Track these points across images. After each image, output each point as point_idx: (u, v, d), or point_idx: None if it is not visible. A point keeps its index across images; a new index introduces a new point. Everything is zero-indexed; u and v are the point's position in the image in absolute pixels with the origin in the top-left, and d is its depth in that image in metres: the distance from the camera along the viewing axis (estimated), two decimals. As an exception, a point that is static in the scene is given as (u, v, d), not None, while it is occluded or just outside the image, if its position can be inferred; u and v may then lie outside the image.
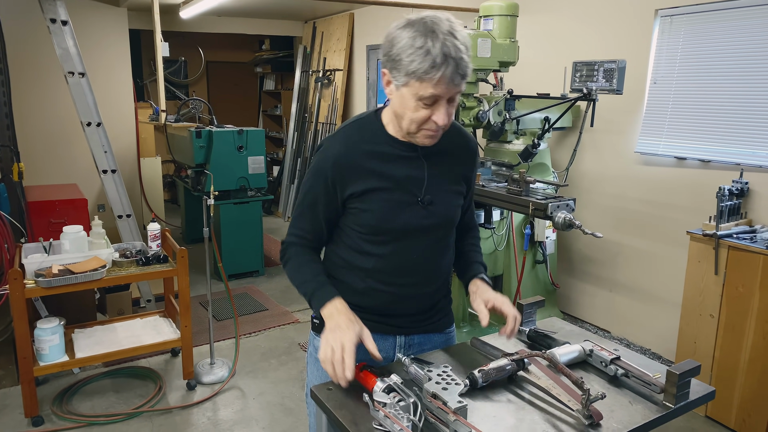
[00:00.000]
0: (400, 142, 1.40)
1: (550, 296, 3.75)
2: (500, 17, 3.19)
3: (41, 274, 2.67)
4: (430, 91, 1.24)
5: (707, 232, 2.77)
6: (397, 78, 1.27)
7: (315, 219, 1.44)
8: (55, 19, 3.47)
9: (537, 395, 1.28)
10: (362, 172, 1.37)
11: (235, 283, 4.84)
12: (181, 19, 6.13)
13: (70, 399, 2.99)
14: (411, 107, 1.28)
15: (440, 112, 1.27)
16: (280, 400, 3.02)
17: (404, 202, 1.39)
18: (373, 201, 1.37)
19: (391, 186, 1.38)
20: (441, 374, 1.23)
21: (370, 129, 1.42)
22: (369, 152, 1.38)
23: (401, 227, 1.39)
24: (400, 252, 1.42)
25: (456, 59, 1.21)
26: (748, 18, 2.95)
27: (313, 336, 1.53)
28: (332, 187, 1.39)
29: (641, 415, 1.21)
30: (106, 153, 3.67)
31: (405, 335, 1.51)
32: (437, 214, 1.43)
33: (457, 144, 1.48)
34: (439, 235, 1.46)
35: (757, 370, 2.62)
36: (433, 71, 1.21)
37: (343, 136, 1.42)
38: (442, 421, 1.13)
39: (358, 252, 1.43)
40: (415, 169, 1.40)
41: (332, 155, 1.39)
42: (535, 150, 3.18)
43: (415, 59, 1.21)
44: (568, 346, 1.42)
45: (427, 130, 1.31)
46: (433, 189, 1.41)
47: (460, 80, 1.24)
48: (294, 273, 1.46)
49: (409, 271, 1.45)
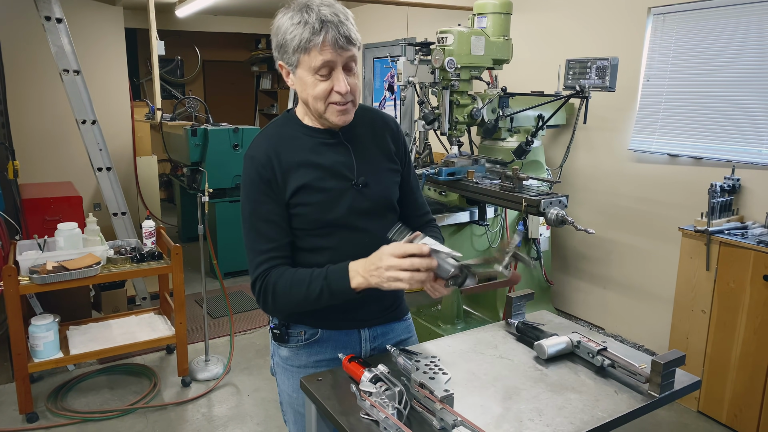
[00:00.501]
0: (319, 131, 1.40)
1: (544, 293, 3.77)
2: (494, 15, 3.20)
3: (35, 271, 2.67)
4: (319, 59, 1.26)
5: (699, 229, 2.78)
6: (289, 61, 1.31)
7: (273, 230, 1.36)
8: (50, 16, 3.47)
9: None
10: (292, 168, 1.36)
11: (230, 280, 4.85)
12: (177, 17, 6.13)
13: (64, 396, 3.00)
14: (310, 84, 1.30)
15: (338, 79, 1.29)
16: (275, 397, 3.01)
17: (339, 189, 1.38)
18: (309, 195, 1.36)
19: (322, 175, 1.37)
20: (428, 364, 1.24)
21: (287, 126, 1.43)
22: (292, 147, 1.38)
23: (342, 214, 1.38)
24: (349, 240, 1.39)
25: (335, 23, 1.25)
26: (740, 16, 2.97)
27: (276, 346, 1.50)
28: (271, 186, 1.35)
29: (626, 404, 1.22)
30: (101, 151, 3.68)
31: (368, 327, 1.49)
32: (375, 194, 1.42)
33: (376, 124, 1.49)
34: (383, 216, 1.44)
35: (748, 365, 2.64)
36: (314, 37, 1.25)
37: (264, 139, 1.40)
38: (429, 410, 1.14)
39: (309, 251, 1.40)
40: (341, 154, 1.40)
41: (258, 158, 1.36)
42: (529, 147, 3.19)
43: (296, 33, 1.26)
44: (556, 337, 1.44)
45: (334, 105, 1.32)
46: (364, 171, 1.41)
47: (345, 43, 1.26)
48: (289, 290, 1.32)
49: (364, 257, 1.32)
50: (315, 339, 1.45)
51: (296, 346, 1.46)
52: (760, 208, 2.91)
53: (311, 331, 1.45)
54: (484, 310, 3.60)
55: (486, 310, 3.59)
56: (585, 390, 1.27)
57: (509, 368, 1.37)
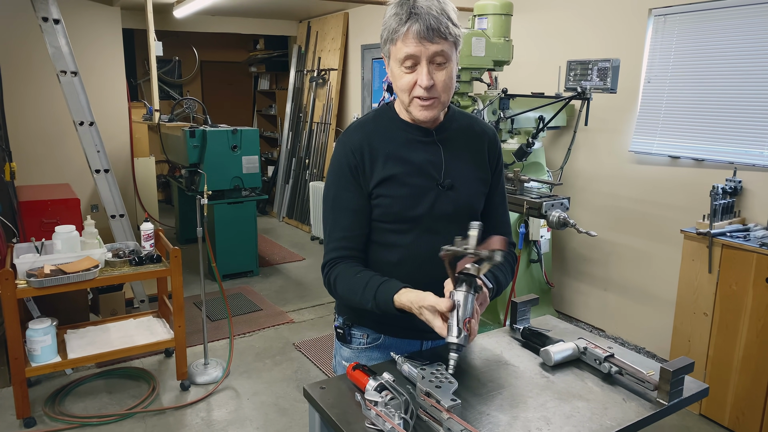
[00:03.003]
0: (414, 127, 1.40)
1: (545, 295, 3.75)
2: (494, 16, 3.19)
3: (33, 275, 2.64)
4: (404, 51, 1.26)
5: (701, 231, 2.77)
6: (384, 51, 1.33)
7: (349, 219, 1.38)
8: (47, 17, 3.44)
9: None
10: (381, 159, 1.36)
11: (229, 283, 4.83)
12: (174, 18, 6.10)
13: (62, 400, 2.97)
14: (397, 75, 1.30)
15: (421, 73, 1.27)
16: (275, 400, 3.01)
17: (424, 187, 1.37)
18: (393, 187, 1.36)
19: (410, 171, 1.36)
20: (434, 372, 1.22)
21: (384, 117, 1.43)
22: (385, 138, 1.38)
23: (424, 213, 1.37)
24: (424, 241, 1.38)
25: (424, 15, 1.23)
26: (740, 17, 2.96)
27: (339, 345, 1.52)
28: (356, 174, 1.36)
29: (635, 413, 1.20)
30: (98, 152, 3.65)
31: (432, 340, 1.47)
32: (459, 199, 1.40)
33: (474, 131, 1.47)
34: (463, 223, 1.33)
35: (750, 368, 2.63)
36: (401, 28, 1.25)
37: (359, 126, 1.43)
38: (435, 419, 1.12)
39: (383, 246, 1.40)
40: (431, 153, 1.39)
41: (350, 144, 1.38)
42: (530, 149, 3.17)
43: (388, 24, 1.28)
44: (562, 344, 1.42)
45: (417, 99, 1.31)
46: (452, 173, 1.40)
47: (433, 36, 1.24)
48: (346, 293, 1.35)
49: (436, 262, 1.31)
50: (377, 344, 1.46)
51: (358, 348, 1.47)
52: (762, 210, 2.90)
53: (374, 335, 1.46)
54: (485, 314, 3.59)
55: (488, 314, 3.57)
56: (592, 398, 1.26)
57: (515, 375, 1.35)
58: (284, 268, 5.25)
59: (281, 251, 5.75)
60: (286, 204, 6.93)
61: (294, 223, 6.76)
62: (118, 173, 5.54)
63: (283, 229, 6.70)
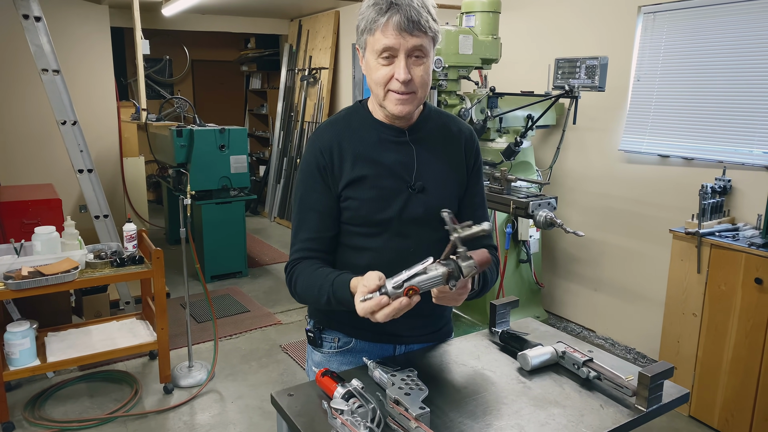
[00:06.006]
0: (386, 126, 1.35)
1: (535, 295, 3.71)
2: (482, 14, 3.16)
3: (10, 276, 2.59)
4: (382, 42, 1.21)
5: (690, 231, 2.74)
6: (360, 42, 1.28)
7: (315, 220, 1.34)
8: (28, 15, 3.39)
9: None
10: (351, 159, 1.32)
11: (217, 284, 4.78)
12: (164, 16, 6.04)
13: (42, 404, 2.92)
14: (373, 67, 1.26)
15: (398, 66, 1.22)
16: (259, 404, 2.96)
17: (394, 190, 1.33)
18: (362, 190, 1.31)
19: (380, 172, 1.32)
20: (405, 379, 1.18)
21: (356, 116, 1.38)
22: (356, 138, 1.34)
23: (393, 216, 1.32)
24: (394, 245, 1.34)
25: (405, 6, 1.19)
26: (730, 15, 2.93)
27: (311, 350, 1.48)
28: (325, 175, 1.32)
29: (612, 420, 1.17)
30: (82, 152, 3.60)
31: (405, 344, 1.44)
32: (430, 202, 1.34)
33: (450, 131, 1.41)
34: (434, 226, 1.31)
35: (739, 369, 2.60)
36: (380, 18, 1.20)
37: (329, 125, 1.38)
38: (403, 427, 1.08)
39: (352, 249, 1.36)
40: (404, 154, 1.35)
41: (319, 144, 1.34)
42: (518, 148, 3.14)
43: (366, 14, 1.23)
44: (541, 348, 1.38)
45: (393, 93, 1.26)
46: (424, 175, 1.35)
47: (413, 29, 1.20)
48: (305, 290, 1.31)
49: (406, 265, 1.25)
50: (348, 348, 1.42)
51: (329, 352, 1.44)
52: (751, 210, 2.87)
53: (345, 339, 1.42)
54: (473, 314, 3.55)
55: (476, 314, 3.53)
56: (569, 404, 1.22)
57: (491, 381, 1.31)
58: (274, 269, 5.20)
59: (271, 252, 5.70)
60: (277, 204, 6.88)
61: (285, 223, 6.71)
62: (107, 173, 5.49)
63: (274, 229, 6.65)
